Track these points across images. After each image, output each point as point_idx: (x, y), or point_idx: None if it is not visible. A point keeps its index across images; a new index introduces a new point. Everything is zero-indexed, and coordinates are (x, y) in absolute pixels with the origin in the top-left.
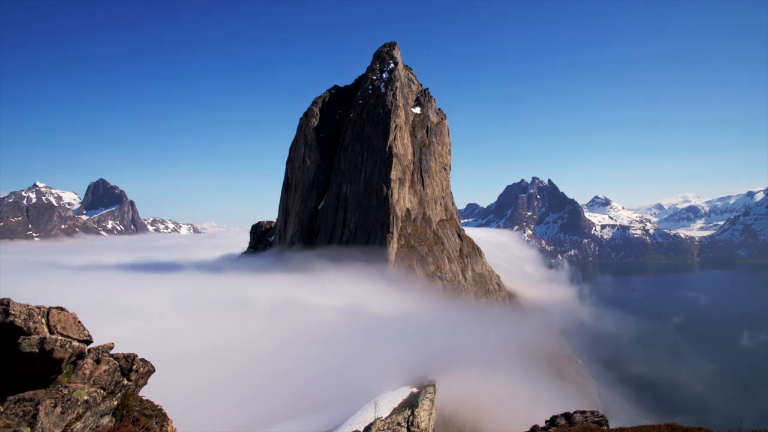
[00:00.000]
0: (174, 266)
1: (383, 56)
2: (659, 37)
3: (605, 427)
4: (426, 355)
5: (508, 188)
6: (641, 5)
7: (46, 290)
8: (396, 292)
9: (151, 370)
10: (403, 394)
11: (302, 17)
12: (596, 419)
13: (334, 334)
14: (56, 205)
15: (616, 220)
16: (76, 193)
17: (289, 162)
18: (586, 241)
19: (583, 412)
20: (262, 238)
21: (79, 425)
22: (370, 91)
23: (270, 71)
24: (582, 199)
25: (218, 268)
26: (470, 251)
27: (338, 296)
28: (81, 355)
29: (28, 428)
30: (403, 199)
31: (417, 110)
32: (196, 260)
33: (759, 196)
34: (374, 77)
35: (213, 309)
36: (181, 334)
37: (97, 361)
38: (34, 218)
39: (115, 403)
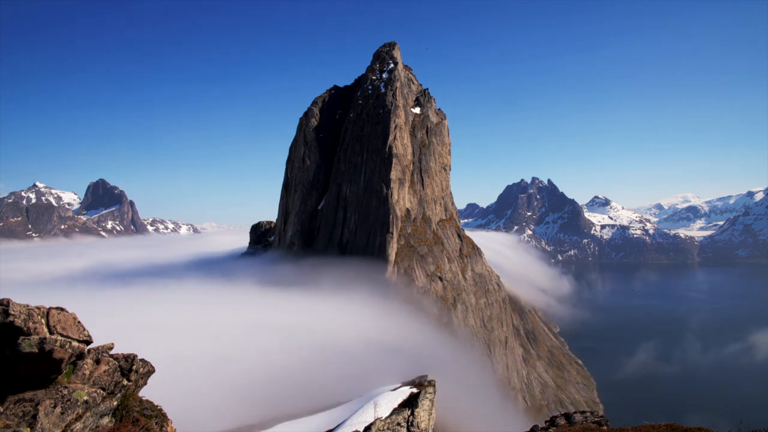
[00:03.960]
0: (174, 267)
1: (383, 56)
2: (659, 37)
3: (605, 427)
4: (425, 355)
5: (508, 188)
6: (641, 5)
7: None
8: (396, 292)
9: (151, 371)
10: (403, 394)
11: (302, 18)
12: (596, 419)
13: (334, 335)
14: (56, 205)
15: (615, 220)
16: (75, 194)
17: (289, 162)
18: (586, 241)
19: (583, 412)
20: (262, 239)
21: (78, 425)
22: (369, 91)
23: (270, 71)
24: (582, 199)
25: (218, 270)
26: (470, 251)
27: (338, 296)
28: (81, 356)
29: (28, 428)
30: (402, 199)
31: (417, 110)
32: (196, 261)
33: (759, 196)
34: (374, 77)
35: (212, 310)
36: (181, 336)
37: (97, 362)
38: (34, 218)
39: (115, 403)
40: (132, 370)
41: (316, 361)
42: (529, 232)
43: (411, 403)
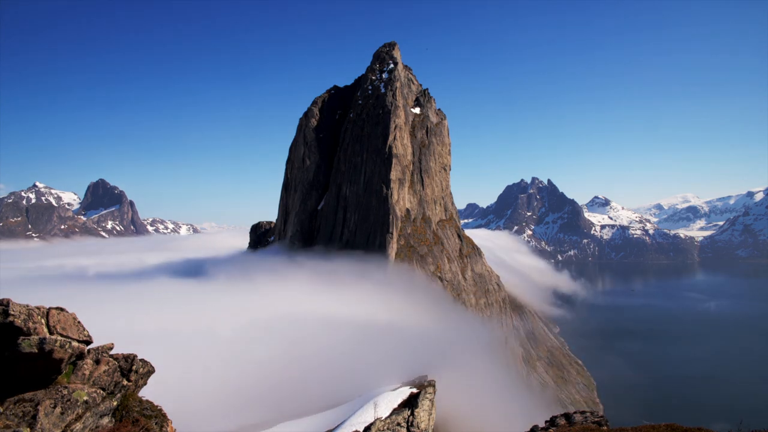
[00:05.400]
0: (174, 269)
1: (383, 56)
2: (659, 37)
3: (605, 427)
4: (425, 355)
5: (508, 188)
6: (641, 6)
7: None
8: (396, 292)
9: (151, 371)
10: (402, 394)
11: (302, 18)
12: (596, 419)
13: (334, 335)
14: (56, 205)
15: (615, 220)
16: (75, 194)
17: (289, 162)
18: (585, 241)
19: (583, 412)
20: (261, 239)
21: (78, 426)
22: (369, 92)
23: (270, 71)
24: (582, 199)
25: (219, 270)
26: (470, 251)
27: (338, 297)
28: (81, 356)
29: (28, 429)
30: (402, 199)
31: (417, 110)
32: (195, 262)
33: (759, 196)
34: (374, 77)
35: (212, 311)
36: (181, 337)
37: (97, 362)
38: (34, 219)
39: (115, 403)
40: (132, 370)
41: (317, 361)
42: (529, 232)
43: (411, 403)
